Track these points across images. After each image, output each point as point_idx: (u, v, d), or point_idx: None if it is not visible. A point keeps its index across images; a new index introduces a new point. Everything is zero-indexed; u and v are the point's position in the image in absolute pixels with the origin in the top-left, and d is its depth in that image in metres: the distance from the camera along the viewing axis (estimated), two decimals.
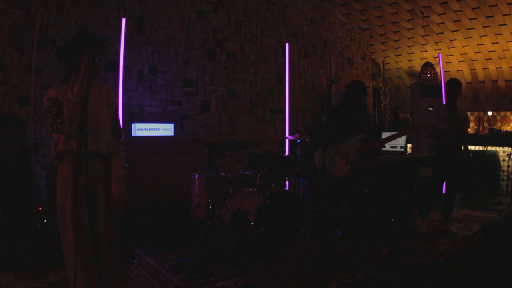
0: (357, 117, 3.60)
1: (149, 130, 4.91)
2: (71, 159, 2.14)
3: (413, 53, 7.93)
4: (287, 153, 5.86)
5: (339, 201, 3.61)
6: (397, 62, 8.42)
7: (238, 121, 6.20)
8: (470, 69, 7.47)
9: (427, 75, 6.98)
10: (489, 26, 6.38)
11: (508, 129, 7.11)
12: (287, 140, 5.97)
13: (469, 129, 4.93)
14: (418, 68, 7.95)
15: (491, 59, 7.00)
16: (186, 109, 5.68)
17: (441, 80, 6.95)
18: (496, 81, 7.23)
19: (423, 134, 4.65)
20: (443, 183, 4.76)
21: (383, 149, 4.78)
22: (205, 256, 3.62)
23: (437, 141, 4.52)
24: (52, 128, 2.11)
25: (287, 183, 4.99)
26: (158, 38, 5.42)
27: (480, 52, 7.02)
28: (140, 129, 4.87)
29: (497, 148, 6.48)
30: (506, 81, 7.10)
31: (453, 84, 4.65)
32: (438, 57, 6.91)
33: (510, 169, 6.45)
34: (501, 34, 6.41)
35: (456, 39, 7.00)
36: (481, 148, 6.52)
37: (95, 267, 1.87)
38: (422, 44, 7.44)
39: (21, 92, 4.44)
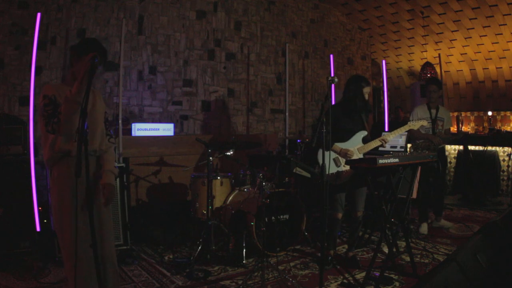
0: (357, 115, 3.55)
1: (149, 130, 4.91)
2: (68, 160, 2.12)
3: (413, 53, 7.92)
4: (287, 153, 5.86)
5: (343, 200, 3.58)
6: (397, 62, 8.42)
7: (238, 121, 6.21)
8: (470, 69, 7.47)
9: (427, 75, 6.97)
10: (489, 26, 6.37)
11: (508, 129, 7.10)
12: (287, 140, 5.97)
13: (452, 128, 4.89)
14: (418, 68, 7.94)
15: (491, 59, 7.00)
16: (186, 109, 5.68)
17: (441, 80, 6.94)
18: (496, 81, 7.23)
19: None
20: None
21: (383, 149, 4.78)
22: (205, 256, 3.63)
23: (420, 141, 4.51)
24: (47, 127, 2.07)
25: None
26: (158, 38, 5.43)
27: (480, 52, 7.02)
28: (140, 129, 4.87)
29: (497, 148, 6.47)
30: (506, 81, 7.09)
31: (438, 84, 4.63)
32: (438, 57, 6.91)
33: (510, 169, 6.45)
34: (501, 34, 6.41)
35: (456, 39, 6.99)
36: (481, 148, 6.52)
37: (96, 267, 1.87)
38: (422, 44, 7.44)
39: (21, 92, 4.44)
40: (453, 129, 7.31)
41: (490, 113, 7.28)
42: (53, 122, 2.06)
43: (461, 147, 6.67)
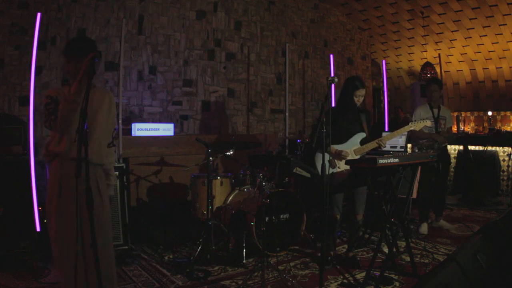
0: (355, 116, 3.55)
1: (149, 130, 4.91)
2: (59, 160, 2.15)
3: (413, 53, 7.93)
4: (287, 153, 5.86)
5: (341, 201, 3.57)
6: (397, 62, 8.42)
7: (238, 121, 6.20)
8: (470, 69, 7.47)
9: (427, 75, 6.97)
10: (489, 26, 6.38)
11: (508, 129, 7.10)
12: (287, 140, 5.97)
13: (453, 127, 4.88)
14: (418, 68, 7.94)
15: (491, 59, 7.00)
16: (186, 109, 5.68)
17: (441, 80, 6.94)
18: (496, 81, 7.23)
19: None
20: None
21: (383, 148, 4.78)
22: (205, 256, 3.63)
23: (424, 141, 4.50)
24: (45, 124, 2.12)
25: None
26: (158, 38, 5.43)
27: (480, 52, 7.02)
28: (140, 129, 4.87)
29: (497, 148, 6.47)
30: (506, 81, 7.10)
31: (439, 83, 4.63)
32: (438, 57, 6.91)
33: (510, 169, 6.45)
34: (501, 34, 6.41)
35: (456, 39, 6.99)
36: (481, 148, 6.52)
37: (96, 267, 1.87)
38: (422, 44, 7.44)
39: (21, 92, 4.44)
40: (453, 128, 7.33)
41: (490, 113, 7.28)
42: (51, 119, 2.08)
43: (461, 147, 6.67)
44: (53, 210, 2.13)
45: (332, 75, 6.84)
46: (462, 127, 7.64)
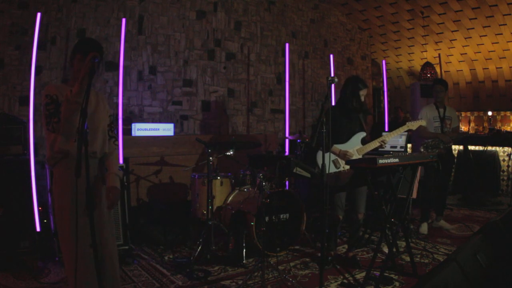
0: (355, 116, 3.55)
1: (149, 130, 4.91)
2: (67, 161, 2.12)
3: (413, 53, 7.92)
4: (287, 153, 5.86)
5: (343, 201, 3.57)
6: (397, 62, 8.42)
7: (238, 121, 6.20)
8: (470, 69, 7.47)
9: (427, 75, 6.97)
10: (489, 26, 6.38)
11: (508, 129, 7.10)
12: (287, 140, 5.97)
13: (459, 127, 4.91)
14: (418, 68, 7.94)
15: (491, 59, 7.00)
16: (186, 109, 5.68)
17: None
18: (496, 81, 7.23)
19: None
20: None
21: (383, 149, 4.78)
22: (205, 256, 3.63)
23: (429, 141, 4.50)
24: (48, 127, 2.09)
25: (287, 183, 4.99)
26: (158, 38, 5.43)
27: (480, 52, 7.02)
28: (140, 129, 4.87)
29: (497, 148, 6.48)
30: (506, 81, 7.09)
31: (444, 84, 4.65)
32: (438, 57, 6.91)
33: (510, 169, 6.45)
34: (501, 34, 6.41)
35: (456, 39, 6.99)
36: (481, 148, 6.52)
37: (96, 267, 1.87)
38: (422, 44, 7.44)
39: (21, 92, 4.44)
40: None
41: (490, 113, 7.28)
42: (53, 122, 2.06)
43: (461, 147, 6.67)
44: (67, 210, 2.09)
45: (332, 75, 6.84)
46: (462, 127, 7.64)
